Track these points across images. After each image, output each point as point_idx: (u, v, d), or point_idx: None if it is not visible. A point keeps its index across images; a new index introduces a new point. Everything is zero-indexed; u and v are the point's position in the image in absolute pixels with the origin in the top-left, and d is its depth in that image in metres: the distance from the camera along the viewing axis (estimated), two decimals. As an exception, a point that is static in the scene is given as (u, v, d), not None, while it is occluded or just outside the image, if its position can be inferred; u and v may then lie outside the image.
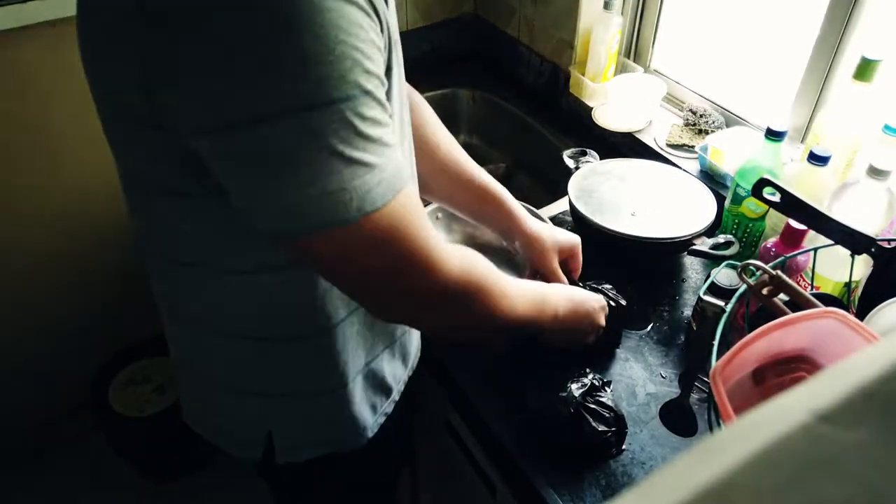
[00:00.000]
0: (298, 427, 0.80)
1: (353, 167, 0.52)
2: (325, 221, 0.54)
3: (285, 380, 0.77)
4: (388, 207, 0.56)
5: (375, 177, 0.54)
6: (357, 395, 0.80)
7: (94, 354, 1.75)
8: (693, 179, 1.13)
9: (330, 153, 0.51)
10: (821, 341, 0.64)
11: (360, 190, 0.53)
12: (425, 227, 0.61)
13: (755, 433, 0.19)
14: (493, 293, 0.70)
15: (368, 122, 0.53)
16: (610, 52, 1.35)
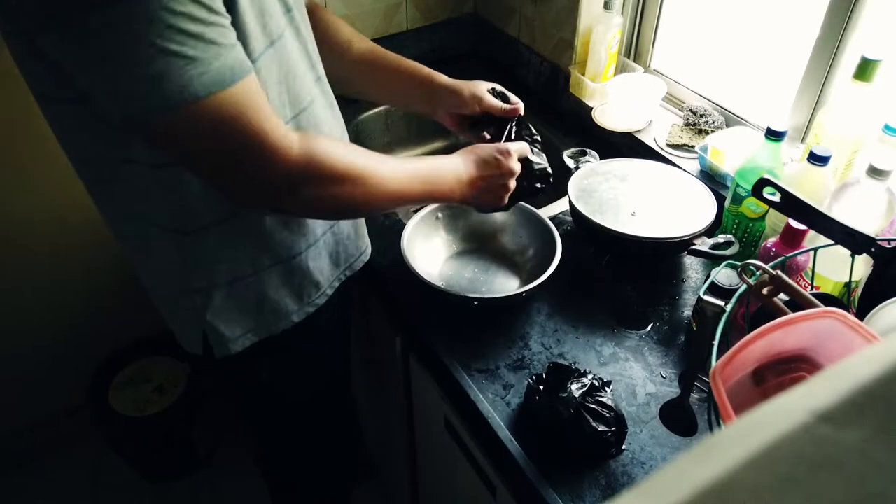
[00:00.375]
0: (226, 321, 0.87)
1: (169, 58, 0.59)
2: (150, 106, 0.61)
3: (203, 273, 0.83)
4: (215, 97, 0.62)
5: (197, 69, 0.60)
6: (275, 281, 0.88)
7: (94, 354, 1.75)
8: (693, 179, 1.13)
9: (146, 43, 0.57)
10: (821, 341, 0.64)
11: (180, 79, 0.60)
12: (261, 117, 0.66)
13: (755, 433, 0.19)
14: (350, 174, 0.75)
15: (183, 18, 0.58)
16: (610, 52, 1.35)
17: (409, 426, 1.26)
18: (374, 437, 1.65)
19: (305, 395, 1.08)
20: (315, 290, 0.94)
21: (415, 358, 1.08)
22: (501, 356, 0.95)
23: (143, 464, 1.78)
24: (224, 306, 0.87)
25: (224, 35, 0.63)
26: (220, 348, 0.89)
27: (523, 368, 0.93)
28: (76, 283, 1.65)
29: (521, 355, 0.95)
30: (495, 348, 0.96)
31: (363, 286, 1.20)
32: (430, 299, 1.03)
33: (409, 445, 1.31)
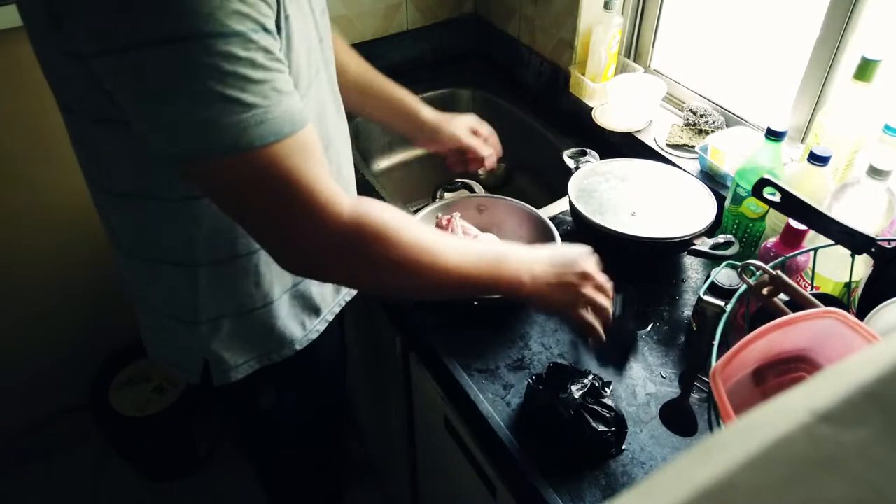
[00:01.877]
0: (229, 349, 0.86)
1: (227, 104, 0.56)
2: (200, 149, 0.58)
3: (214, 304, 0.82)
4: (269, 149, 0.59)
5: (255, 117, 0.58)
6: (283, 312, 0.87)
7: (94, 354, 1.75)
8: (693, 179, 1.13)
9: (202, 85, 0.56)
10: (821, 341, 0.64)
11: (235, 127, 0.57)
12: (317, 173, 0.63)
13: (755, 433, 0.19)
14: (400, 242, 0.68)
15: (244, 63, 0.57)
16: (610, 52, 1.35)
17: (409, 426, 1.26)
18: (374, 437, 1.65)
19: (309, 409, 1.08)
20: (316, 317, 0.94)
21: (415, 358, 1.08)
22: (501, 356, 0.95)
23: (143, 464, 1.78)
24: (231, 336, 0.85)
25: (284, 83, 0.61)
26: (220, 377, 0.87)
27: (523, 368, 0.93)
28: (76, 283, 1.65)
29: (521, 355, 0.95)
30: (495, 348, 0.96)
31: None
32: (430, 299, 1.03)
33: (409, 445, 1.31)
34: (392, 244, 0.68)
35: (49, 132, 1.43)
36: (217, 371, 0.87)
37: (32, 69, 1.32)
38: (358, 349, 1.45)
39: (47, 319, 1.66)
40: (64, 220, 1.55)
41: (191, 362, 0.88)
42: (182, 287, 0.81)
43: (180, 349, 0.88)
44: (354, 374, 1.57)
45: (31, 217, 1.51)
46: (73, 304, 1.68)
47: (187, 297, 0.82)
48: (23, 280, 1.58)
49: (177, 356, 0.90)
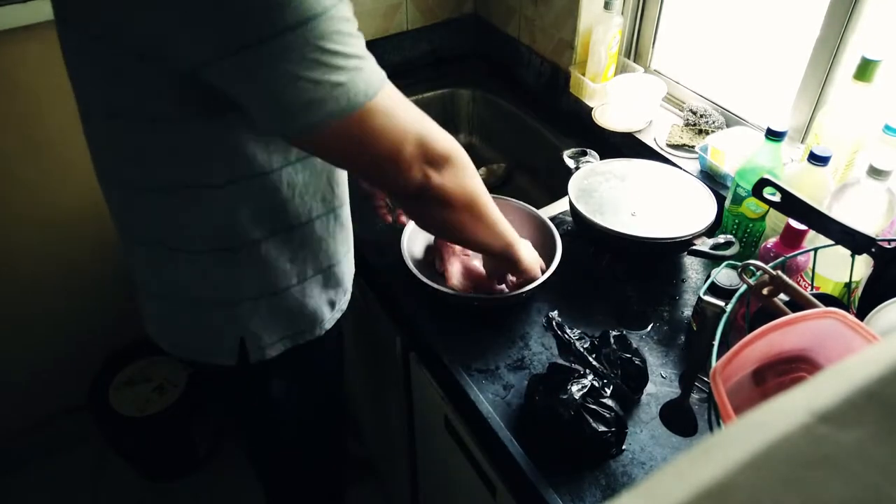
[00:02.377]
0: (265, 327, 0.89)
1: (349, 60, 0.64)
2: (330, 113, 0.64)
3: (250, 284, 0.85)
4: (378, 97, 0.66)
5: (365, 72, 0.65)
6: (316, 290, 0.91)
7: (94, 354, 1.75)
8: (693, 179, 1.13)
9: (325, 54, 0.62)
10: (821, 341, 0.64)
11: (354, 84, 0.64)
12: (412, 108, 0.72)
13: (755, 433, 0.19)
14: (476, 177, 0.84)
15: (350, 23, 0.65)
16: (610, 52, 1.35)
17: (409, 426, 1.26)
18: (374, 437, 1.65)
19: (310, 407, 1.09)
20: (344, 296, 0.97)
21: (415, 358, 1.08)
22: (501, 356, 0.95)
23: (143, 464, 1.78)
24: (268, 314, 0.88)
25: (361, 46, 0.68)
26: (257, 353, 0.89)
27: (523, 368, 0.93)
28: (77, 284, 1.65)
29: (521, 355, 0.95)
30: (495, 348, 0.96)
31: (363, 287, 1.20)
32: (430, 299, 1.03)
33: (409, 445, 1.31)
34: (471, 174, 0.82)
35: (49, 133, 1.43)
36: (254, 348, 0.89)
37: (32, 70, 1.33)
38: (358, 349, 1.45)
39: (47, 320, 1.66)
40: (64, 220, 1.55)
41: (224, 344, 0.89)
42: (221, 271, 0.83)
43: (212, 333, 0.89)
44: (354, 374, 1.57)
45: (31, 217, 1.51)
46: (73, 305, 1.67)
47: (227, 279, 0.84)
48: (23, 280, 1.58)
49: (205, 342, 0.91)
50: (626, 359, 0.87)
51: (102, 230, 1.58)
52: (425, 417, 1.16)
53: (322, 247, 0.88)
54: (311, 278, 0.89)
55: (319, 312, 0.93)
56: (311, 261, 0.88)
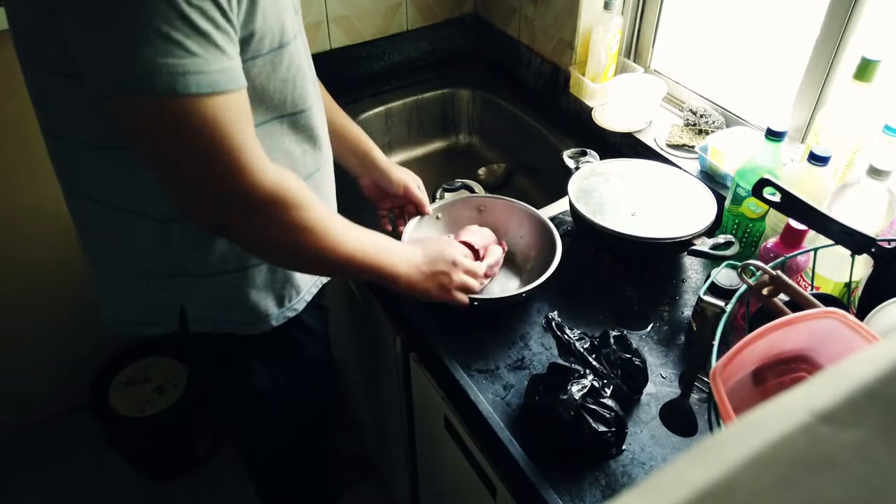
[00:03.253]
0: (205, 305, 0.87)
1: (169, 45, 0.58)
2: (134, 86, 0.59)
3: (188, 261, 0.82)
4: (205, 99, 0.61)
5: (194, 65, 0.59)
6: (258, 281, 0.87)
7: (94, 354, 1.75)
8: (693, 179, 1.13)
9: (149, 24, 0.57)
10: (821, 341, 0.64)
11: (172, 69, 0.58)
12: (245, 135, 0.65)
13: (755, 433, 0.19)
14: (310, 215, 0.74)
15: (195, 11, 0.58)
16: (610, 52, 1.35)
17: (409, 426, 1.26)
18: (375, 437, 1.65)
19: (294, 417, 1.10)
20: (296, 294, 0.94)
21: (415, 358, 1.08)
22: (501, 356, 0.95)
23: (143, 464, 1.79)
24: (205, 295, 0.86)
25: (229, 44, 0.63)
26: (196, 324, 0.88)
27: (523, 368, 0.93)
28: (77, 283, 1.65)
29: (521, 355, 0.95)
30: (495, 348, 0.96)
31: (363, 287, 1.20)
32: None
33: (409, 445, 1.31)
34: (304, 214, 0.73)
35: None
36: (192, 319, 0.87)
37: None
38: (358, 349, 1.45)
39: (47, 319, 1.66)
40: (64, 220, 1.55)
41: (165, 314, 0.87)
42: (154, 241, 0.81)
43: (154, 303, 0.87)
44: (354, 375, 1.57)
45: (31, 217, 1.51)
46: (73, 305, 1.67)
47: (159, 251, 0.82)
48: (22, 280, 1.58)
49: (147, 310, 0.89)
50: (626, 359, 0.87)
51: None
52: (425, 417, 1.16)
53: None
54: (253, 268, 0.86)
55: (262, 307, 0.89)
56: None
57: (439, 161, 1.64)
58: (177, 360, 1.77)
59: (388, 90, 1.58)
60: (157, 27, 0.57)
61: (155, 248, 0.82)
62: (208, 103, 0.61)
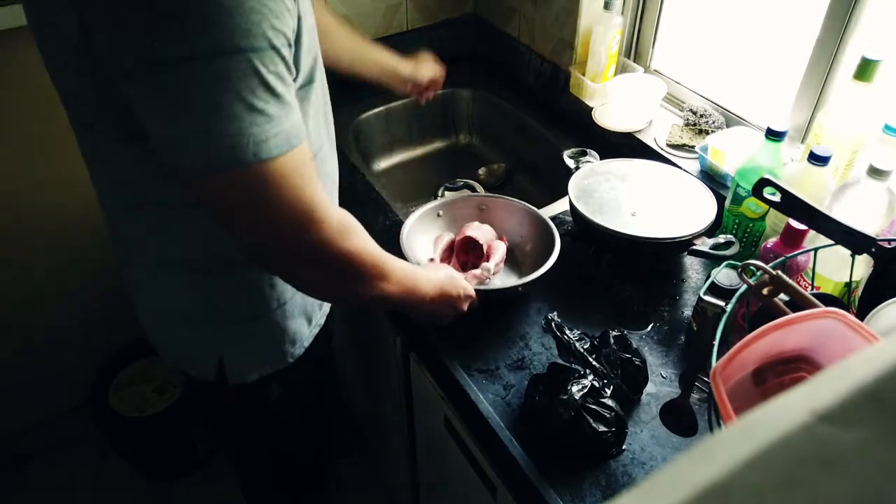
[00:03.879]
0: (245, 351, 0.89)
1: (254, 115, 0.59)
2: (223, 162, 0.59)
3: (230, 308, 0.85)
4: (282, 158, 0.62)
5: (274, 128, 0.60)
6: (296, 310, 0.90)
7: (94, 354, 1.75)
8: (693, 179, 1.13)
9: (234, 99, 0.57)
10: (821, 341, 0.64)
11: (257, 137, 0.59)
12: (315, 186, 0.67)
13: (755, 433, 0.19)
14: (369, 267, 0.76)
15: (273, 76, 0.59)
16: (610, 52, 1.35)
17: (410, 426, 1.26)
18: (375, 438, 1.65)
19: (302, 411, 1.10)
20: (320, 310, 0.97)
21: (415, 358, 1.08)
22: (501, 356, 0.95)
23: (143, 464, 1.78)
24: (247, 341, 0.88)
25: (293, 95, 0.64)
26: (235, 376, 0.90)
27: (523, 368, 0.93)
28: (77, 283, 1.65)
29: (521, 355, 0.95)
30: (495, 348, 0.96)
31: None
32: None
33: (409, 445, 1.31)
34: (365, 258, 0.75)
35: (51, 134, 1.43)
36: (231, 371, 0.89)
37: (33, 70, 1.33)
38: (358, 349, 1.45)
39: (48, 320, 1.66)
40: (65, 220, 1.55)
41: (204, 361, 0.90)
42: (197, 293, 0.82)
43: (194, 349, 0.90)
44: (355, 375, 1.57)
45: (31, 218, 1.51)
46: (73, 305, 1.68)
47: (202, 302, 0.83)
48: (23, 281, 1.58)
49: (190, 355, 0.92)
50: (626, 359, 0.87)
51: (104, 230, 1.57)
52: (425, 417, 1.16)
53: None
54: (290, 300, 0.88)
55: (298, 334, 0.92)
56: None
57: (439, 161, 1.64)
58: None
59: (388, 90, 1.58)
60: (241, 100, 0.57)
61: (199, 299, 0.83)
62: (286, 161, 0.62)
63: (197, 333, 0.88)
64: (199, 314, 0.85)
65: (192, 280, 0.81)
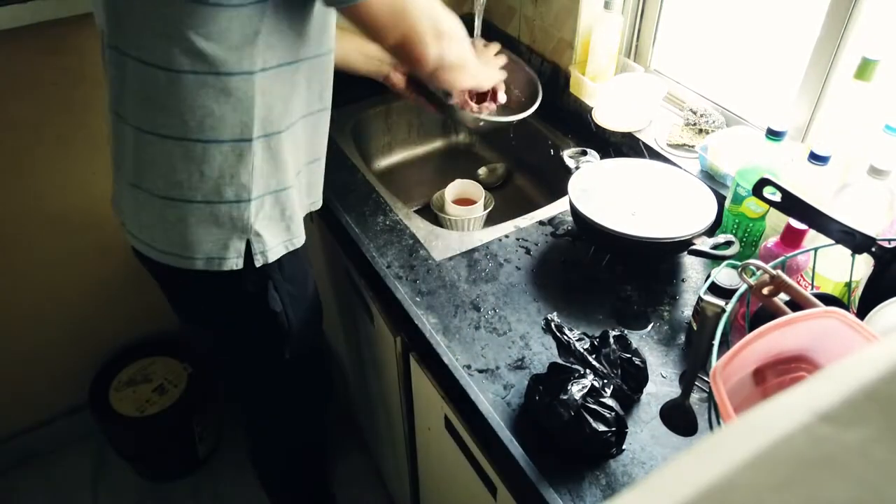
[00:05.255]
0: (268, 228, 0.96)
1: None
2: None
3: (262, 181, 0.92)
4: None
5: None
6: (301, 191, 1.02)
7: (94, 354, 1.75)
8: (693, 179, 1.13)
9: None
10: (821, 341, 0.64)
11: None
12: None
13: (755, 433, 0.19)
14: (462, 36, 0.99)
15: None
16: (610, 52, 1.35)
17: (410, 426, 1.26)
18: (375, 438, 1.65)
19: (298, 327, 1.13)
20: (308, 199, 1.06)
21: (415, 358, 1.08)
22: (501, 356, 0.95)
23: (143, 464, 1.79)
24: (269, 215, 0.95)
25: None
26: (261, 257, 0.96)
27: (523, 368, 0.93)
28: (77, 284, 1.65)
29: (521, 355, 0.95)
30: (495, 348, 0.96)
31: (363, 287, 1.20)
32: (430, 295, 1.03)
33: (410, 445, 1.31)
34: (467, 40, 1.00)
35: (51, 132, 1.43)
36: (258, 251, 0.96)
37: (33, 71, 1.33)
38: (358, 350, 1.45)
39: (48, 320, 1.66)
40: (65, 220, 1.55)
41: (233, 248, 0.94)
42: (236, 166, 0.89)
43: (223, 237, 0.94)
44: (354, 375, 1.57)
45: (32, 217, 1.51)
46: (73, 305, 1.68)
47: (240, 175, 0.90)
48: (23, 280, 1.58)
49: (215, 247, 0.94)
50: (626, 359, 0.87)
51: (104, 230, 1.58)
52: (425, 417, 1.16)
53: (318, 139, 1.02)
54: (295, 178, 0.98)
55: (299, 217, 1.01)
56: (292, 163, 0.96)
57: (439, 161, 1.64)
58: (177, 360, 1.77)
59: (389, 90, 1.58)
60: None
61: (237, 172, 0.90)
62: None
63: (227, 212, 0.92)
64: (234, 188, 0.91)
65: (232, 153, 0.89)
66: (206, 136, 0.86)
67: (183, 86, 0.83)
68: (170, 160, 0.88)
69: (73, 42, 1.34)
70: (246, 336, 1.11)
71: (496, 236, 1.16)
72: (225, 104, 0.85)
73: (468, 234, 1.17)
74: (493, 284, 1.07)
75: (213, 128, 0.86)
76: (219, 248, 0.94)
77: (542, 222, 1.20)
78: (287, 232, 1.00)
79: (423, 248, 1.13)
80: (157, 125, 0.86)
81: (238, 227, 0.93)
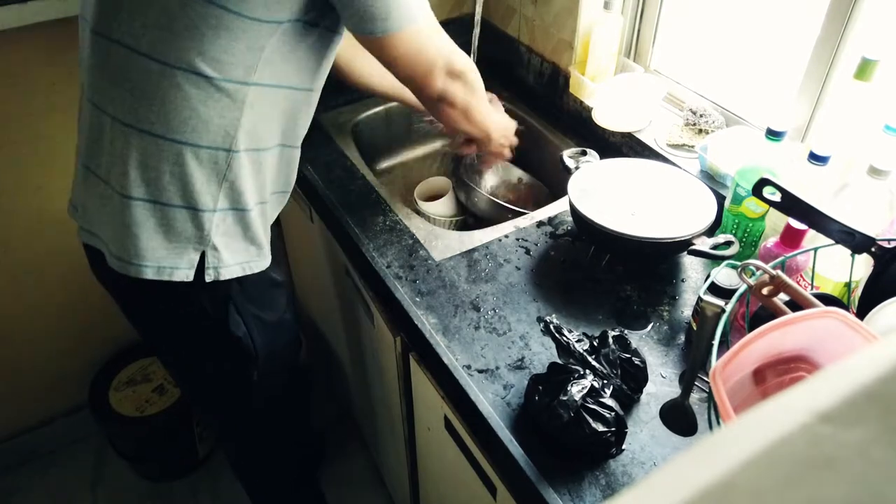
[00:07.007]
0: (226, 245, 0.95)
1: None
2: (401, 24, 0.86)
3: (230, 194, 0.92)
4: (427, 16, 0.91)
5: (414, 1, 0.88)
6: (267, 215, 1.01)
7: (94, 354, 1.75)
8: (693, 179, 1.13)
9: None
10: (821, 341, 0.64)
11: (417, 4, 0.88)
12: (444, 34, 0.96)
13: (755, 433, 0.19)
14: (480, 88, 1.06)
15: None
16: (610, 52, 1.35)
17: (410, 426, 1.26)
18: (374, 438, 1.65)
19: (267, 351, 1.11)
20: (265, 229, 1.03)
21: (415, 358, 1.08)
22: (501, 356, 0.95)
23: (142, 464, 1.78)
24: (230, 231, 0.94)
25: None
26: (213, 272, 0.94)
27: (523, 368, 0.93)
28: (77, 283, 1.65)
29: (521, 355, 0.95)
30: (495, 348, 0.96)
31: (363, 287, 1.20)
32: (430, 293, 1.03)
33: (410, 445, 1.31)
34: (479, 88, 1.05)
35: (51, 131, 1.43)
36: (212, 265, 0.94)
37: (33, 70, 1.33)
38: (358, 350, 1.45)
39: (47, 319, 1.66)
40: (65, 221, 1.55)
41: (186, 258, 0.92)
42: (210, 174, 0.89)
43: (179, 246, 0.91)
44: (354, 374, 1.57)
45: (30, 217, 1.51)
46: (72, 305, 1.67)
47: (210, 184, 0.89)
48: (22, 280, 1.58)
49: (168, 255, 0.91)
50: (626, 359, 0.87)
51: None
52: (425, 417, 1.16)
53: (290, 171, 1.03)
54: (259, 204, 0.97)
55: (262, 240, 1.00)
56: (266, 186, 0.97)
57: (439, 162, 1.64)
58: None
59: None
60: None
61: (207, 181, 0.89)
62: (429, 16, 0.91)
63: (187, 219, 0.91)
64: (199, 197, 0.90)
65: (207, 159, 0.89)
66: (187, 137, 0.85)
67: (175, 81, 0.82)
68: (143, 157, 0.87)
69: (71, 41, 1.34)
70: (209, 358, 1.09)
71: (496, 236, 1.16)
72: (213, 108, 0.84)
73: (468, 234, 1.17)
74: (492, 284, 1.07)
75: (195, 130, 0.85)
76: (172, 257, 0.91)
77: (542, 222, 1.20)
78: (246, 253, 0.97)
79: (423, 248, 1.13)
80: (138, 118, 0.85)
81: (195, 237, 0.91)
